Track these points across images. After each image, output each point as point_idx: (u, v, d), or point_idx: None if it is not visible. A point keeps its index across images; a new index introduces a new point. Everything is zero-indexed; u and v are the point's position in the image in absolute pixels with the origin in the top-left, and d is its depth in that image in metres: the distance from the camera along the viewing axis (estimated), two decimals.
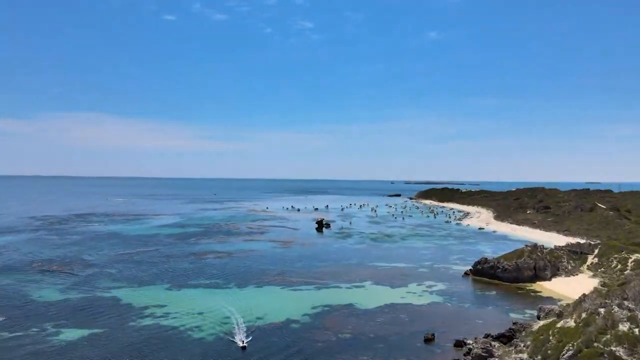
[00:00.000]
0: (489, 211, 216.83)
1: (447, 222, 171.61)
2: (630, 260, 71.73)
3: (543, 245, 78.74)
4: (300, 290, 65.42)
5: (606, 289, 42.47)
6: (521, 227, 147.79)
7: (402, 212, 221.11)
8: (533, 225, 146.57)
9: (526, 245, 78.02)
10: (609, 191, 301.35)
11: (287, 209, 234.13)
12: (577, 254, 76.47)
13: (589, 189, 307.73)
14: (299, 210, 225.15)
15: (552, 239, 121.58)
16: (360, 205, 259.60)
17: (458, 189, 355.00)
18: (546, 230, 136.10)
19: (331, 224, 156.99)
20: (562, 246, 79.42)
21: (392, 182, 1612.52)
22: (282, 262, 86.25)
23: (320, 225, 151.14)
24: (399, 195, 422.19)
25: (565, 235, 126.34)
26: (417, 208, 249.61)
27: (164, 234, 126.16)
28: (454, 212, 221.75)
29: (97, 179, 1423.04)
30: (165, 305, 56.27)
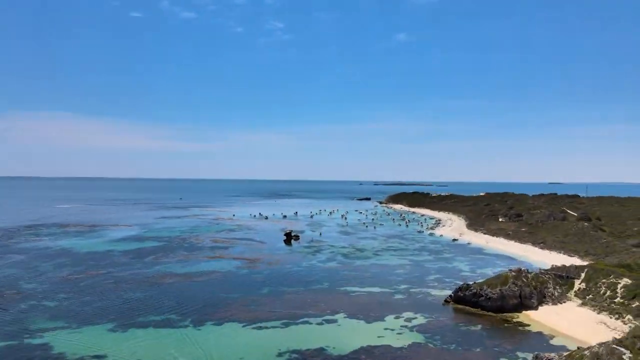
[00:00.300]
0: (461, 218, 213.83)
1: (419, 231, 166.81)
2: (619, 286, 67.17)
3: (527, 270, 73.54)
4: (266, 328, 57.94)
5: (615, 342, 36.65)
6: (495, 238, 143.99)
7: (372, 219, 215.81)
8: (507, 236, 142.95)
9: (510, 270, 72.65)
10: (577, 196, 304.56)
11: (255, 216, 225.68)
12: (563, 279, 71.58)
13: (556, 194, 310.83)
14: (267, 218, 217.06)
15: (529, 253, 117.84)
16: (330, 212, 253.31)
17: (428, 193, 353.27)
18: (521, 242, 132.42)
19: (300, 236, 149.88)
20: (547, 270, 74.45)
21: (361, 184, 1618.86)
22: (247, 288, 78.52)
23: (289, 238, 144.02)
24: (368, 199, 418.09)
25: (541, 248, 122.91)
26: (388, 215, 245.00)
27: (119, 251, 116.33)
28: (425, 219, 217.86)
29: (59, 180, 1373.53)
30: (104, 357, 47.88)
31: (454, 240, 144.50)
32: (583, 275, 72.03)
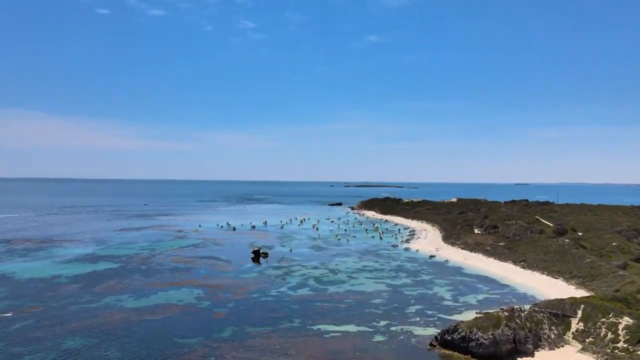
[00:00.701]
0: (435, 228, 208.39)
1: (394, 245, 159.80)
2: (620, 327, 60.79)
3: (520, 308, 66.43)
4: None
5: None
6: (474, 254, 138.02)
7: (345, 230, 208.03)
8: (486, 252, 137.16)
9: (501, 309, 65.63)
10: (548, 203, 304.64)
11: (222, 227, 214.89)
12: (558, 317, 64.77)
13: (528, 200, 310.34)
14: (234, 229, 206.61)
15: (511, 273, 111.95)
16: (301, 221, 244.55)
17: (400, 199, 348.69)
18: (501, 260, 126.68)
19: (270, 252, 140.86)
20: (541, 308, 67.59)
21: (332, 185, 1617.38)
22: (207, 329, 69.10)
23: (257, 255, 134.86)
24: (340, 204, 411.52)
25: (523, 267, 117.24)
26: (361, 224, 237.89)
27: (67, 277, 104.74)
28: (399, 229, 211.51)
29: (21, 181, 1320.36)
30: None
31: (431, 257, 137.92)
32: (580, 313, 65.47)
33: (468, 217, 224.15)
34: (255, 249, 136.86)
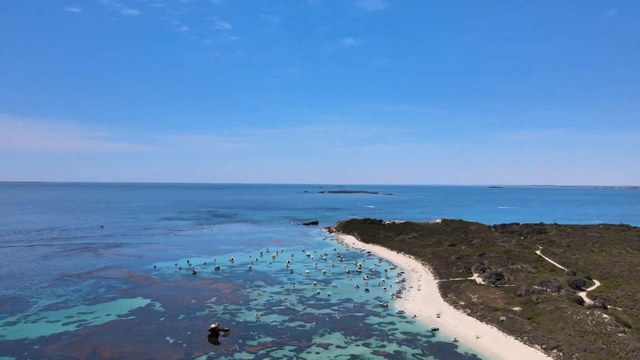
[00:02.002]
0: (427, 269, 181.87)
1: (384, 306, 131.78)
2: None
3: None
4: None
5: None
6: (487, 326, 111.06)
7: (324, 273, 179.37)
8: (501, 324, 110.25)
9: None
10: (541, 225, 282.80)
11: (181, 268, 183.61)
12: None
13: (518, 224, 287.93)
14: (194, 273, 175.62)
15: None
16: (273, 256, 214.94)
17: (381, 221, 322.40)
18: (525, 342, 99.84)
19: (232, 323, 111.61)
20: None
21: (306, 191, 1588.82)
22: None
23: (215, 334, 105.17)
24: (316, 224, 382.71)
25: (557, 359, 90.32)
26: (341, 260, 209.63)
27: None
28: (386, 270, 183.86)
29: None
30: None
31: (434, 330, 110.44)
32: None
33: (461, 252, 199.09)
34: (213, 325, 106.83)
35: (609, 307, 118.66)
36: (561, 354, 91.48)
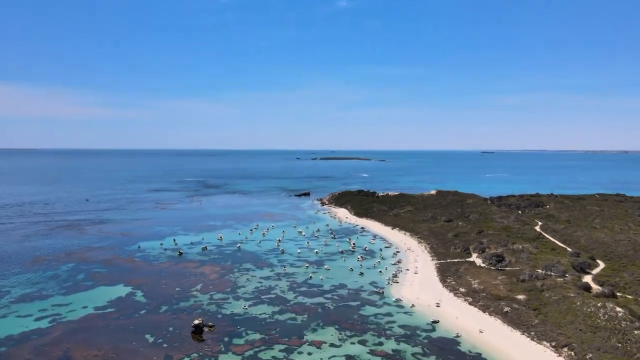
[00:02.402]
0: (423, 248, 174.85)
1: (379, 292, 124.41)
2: None
3: None
4: None
5: None
6: (490, 318, 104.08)
7: (316, 252, 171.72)
8: (506, 316, 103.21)
9: None
10: (537, 196, 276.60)
11: (166, 249, 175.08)
12: None
13: (514, 196, 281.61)
14: (181, 254, 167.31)
15: None
16: (264, 233, 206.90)
17: (374, 193, 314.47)
18: (532, 338, 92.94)
19: (217, 317, 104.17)
20: None
21: (298, 158, 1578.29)
22: None
23: (199, 330, 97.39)
24: (308, 195, 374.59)
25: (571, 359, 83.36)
26: (334, 237, 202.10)
27: None
28: (381, 250, 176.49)
29: None
30: None
31: (434, 322, 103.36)
32: None
33: (459, 229, 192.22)
34: (197, 322, 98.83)
35: (618, 294, 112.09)
36: (573, 353, 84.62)
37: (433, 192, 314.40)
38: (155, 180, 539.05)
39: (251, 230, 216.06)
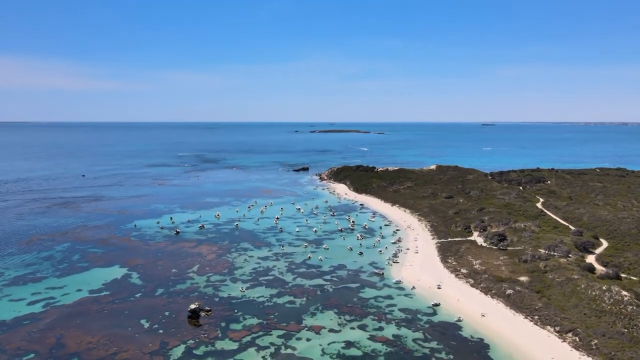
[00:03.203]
0: (424, 226, 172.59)
1: (379, 274, 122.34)
2: None
3: None
4: None
5: None
6: (493, 301, 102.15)
7: (315, 231, 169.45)
8: (508, 299, 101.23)
9: None
10: (538, 170, 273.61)
11: (163, 228, 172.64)
12: None
13: (514, 171, 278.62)
14: (177, 233, 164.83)
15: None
16: (262, 210, 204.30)
17: (374, 168, 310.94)
18: (536, 322, 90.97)
19: (214, 300, 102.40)
20: None
21: (296, 131, 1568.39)
22: None
23: (196, 315, 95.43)
24: (307, 170, 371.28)
25: (577, 346, 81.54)
26: (333, 214, 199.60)
27: None
28: (380, 227, 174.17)
29: None
30: None
31: (435, 305, 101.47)
32: None
33: (459, 206, 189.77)
34: (193, 306, 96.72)
35: (622, 276, 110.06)
36: (577, 338, 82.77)
37: (433, 167, 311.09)
38: (152, 155, 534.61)
39: (249, 207, 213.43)
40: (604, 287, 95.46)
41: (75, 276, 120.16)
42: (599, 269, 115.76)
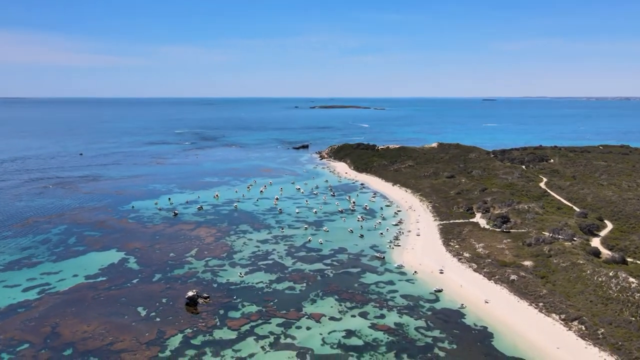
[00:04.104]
0: (425, 206, 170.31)
1: (380, 257, 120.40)
2: None
3: None
4: None
5: None
6: (496, 287, 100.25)
7: (315, 212, 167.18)
8: (512, 285, 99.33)
9: None
10: (542, 148, 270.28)
11: (161, 209, 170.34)
12: None
13: (516, 149, 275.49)
14: (176, 214, 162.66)
15: (573, 349, 74.69)
16: (261, 190, 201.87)
17: (374, 146, 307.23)
18: (541, 309, 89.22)
19: (213, 287, 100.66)
20: None
21: (297, 106, 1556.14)
22: None
23: (194, 302, 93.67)
24: (306, 147, 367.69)
25: (583, 335, 79.87)
26: (333, 194, 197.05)
27: None
28: (381, 208, 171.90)
29: None
30: None
31: (437, 291, 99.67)
32: None
33: (462, 186, 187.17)
34: (191, 293, 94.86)
35: (628, 260, 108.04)
36: (583, 327, 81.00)
37: (434, 144, 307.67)
38: (151, 132, 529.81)
39: (248, 187, 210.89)
40: (610, 274, 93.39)
41: (71, 260, 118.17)
42: (605, 252, 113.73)
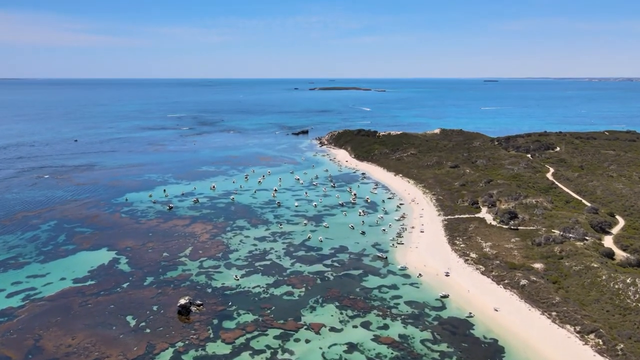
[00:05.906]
0: (429, 200, 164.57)
1: (382, 257, 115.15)
2: None
3: None
4: None
5: None
6: (506, 292, 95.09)
7: (315, 205, 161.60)
8: (522, 291, 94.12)
9: None
10: (546, 134, 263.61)
11: (155, 202, 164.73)
12: None
13: (521, 136, 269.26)
14: (170, 208, 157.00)
15: None
16: (259, 181, 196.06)
17: (376, 132, 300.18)
18: (554, 320, 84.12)
19: (206, 292, 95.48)
20: None
21: (296, 88, 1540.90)
22: None
23: (186, 310, 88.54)
24: (306, 133, 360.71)
25: (601, 351, 74.76)
26: (333, 185, 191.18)
27: None
28: (383, 201, 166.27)
29: None
30: None
31: (444, 297, 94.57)
32: None
33: (466, 177, 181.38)
34: (183, 301, 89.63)
35: None
36: (601, 341, 75.92)
37: (437, 131, 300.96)
38: (149, 117, 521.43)
39: (246, 176, 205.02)
40: (628, 280, 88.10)
41: (59, 261, 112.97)
42: (619, 253, 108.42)
